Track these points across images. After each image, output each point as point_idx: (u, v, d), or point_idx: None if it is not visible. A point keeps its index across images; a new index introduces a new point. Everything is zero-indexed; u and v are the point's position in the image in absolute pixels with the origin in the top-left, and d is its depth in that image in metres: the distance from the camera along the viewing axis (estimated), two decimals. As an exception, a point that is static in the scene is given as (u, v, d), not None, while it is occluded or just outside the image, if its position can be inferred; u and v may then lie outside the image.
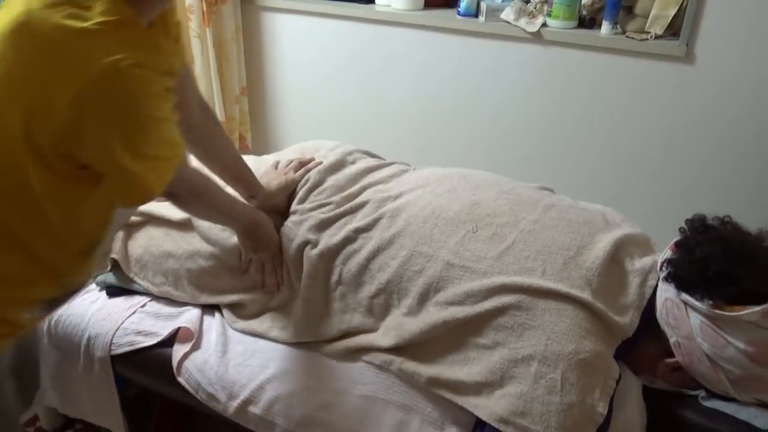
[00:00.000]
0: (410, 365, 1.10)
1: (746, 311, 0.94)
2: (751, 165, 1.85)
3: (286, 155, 1.47)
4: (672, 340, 1.04)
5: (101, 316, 1.33)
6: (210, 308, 1.34)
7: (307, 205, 1.29)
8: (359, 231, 1.21)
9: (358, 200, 1.27)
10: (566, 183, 2.09)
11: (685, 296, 1.01)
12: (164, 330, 1.28)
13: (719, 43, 1.76)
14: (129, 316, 1.32)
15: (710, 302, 0.98)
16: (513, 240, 1.12)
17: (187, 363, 1.23)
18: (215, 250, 1.30)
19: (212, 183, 1.16)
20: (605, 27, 1.89)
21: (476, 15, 2.08)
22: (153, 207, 1.41)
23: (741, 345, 0.96)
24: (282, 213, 1.34)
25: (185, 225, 1.36)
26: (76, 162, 0.83)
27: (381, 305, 1.17)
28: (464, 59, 2.12)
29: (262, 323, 1.27)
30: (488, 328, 1.04)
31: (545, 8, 1.97)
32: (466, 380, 1.03)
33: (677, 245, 1.09)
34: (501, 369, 1.00)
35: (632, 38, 1.85)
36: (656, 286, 1.09)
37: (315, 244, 1.23)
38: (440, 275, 1.11)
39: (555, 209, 1.20)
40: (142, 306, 1.35)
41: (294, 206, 1.31)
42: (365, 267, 1.18)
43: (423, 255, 1.13)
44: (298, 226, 1.26)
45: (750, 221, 1.09)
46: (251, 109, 2.58)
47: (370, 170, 1.37)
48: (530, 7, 1.99)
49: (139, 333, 1.29)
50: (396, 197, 1.25)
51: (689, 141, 1.91)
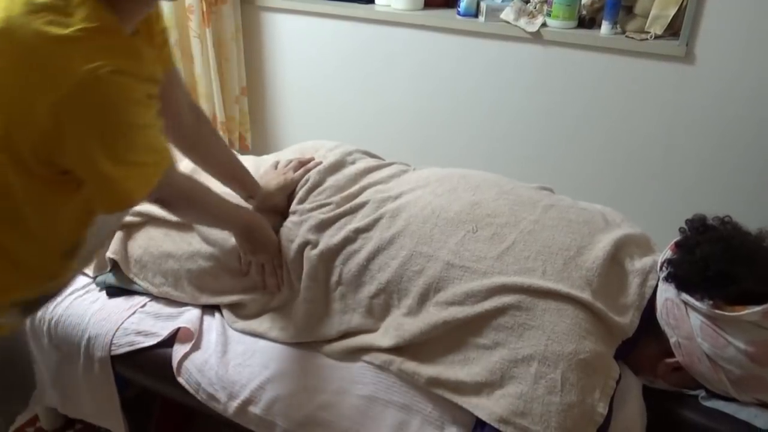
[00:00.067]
0: (410, 365, 1.10)
1: (746, 311, 0.94)
2: (751, 165, 1.85)
3: (286, 155, 1.47)
4: (672, 341, 1.04)
5: (101, 317, 1.33)
6: (210, 308, 1.34)
7: (307, 206, 1.29)
8: (359, 231, 1.21)
9: (358, 200, 1.27)
10: (566, 183, 2.09)
11: (686, 296, 1.01)
12: (164, 330, 1.28)
13: (719, 43, 1.76)
14: (129, 317, 1.32)
15: (710, 302, 0.97)
16: (513, 240, 1.12)
17: (187, 363, 1.23)
18: (215, 251, 1.30)
19: (202, 187, 1.15)
20: (605, 27, 1.89)
21: (476, 15, 2.08)
22: (153, 207, 1.41)
23: (741, 345, 0.96)
24: (282, 213, 1.34)
25: (185, 225, 1.36)
26: (57, 168, 0.83)
27: (381, 305, 1.17)
28: (464, 59, 2.12)
29: (262, 323, 1.27)
30: (488, 328, 1.04)
31: (545, 8, 1.97)
32: (466, 380, 1.03)
33: (677, 245, 1.09)
34: (501, 369, 1.00)
35: (632, 38, 1.85)
36: (656, 287, 1.09)
37: (315, 245, 1.23)
38: (440, 275, 1.10)
39: (555, 209, 1.20)
40: (142, 306, 1.35)
41: (294, 206, 1.31)
42: (365, 267, 1.18)
43: (423, 255, 1.13)
44: (298, 227, 1.26)
45: (750, 221, 1.09)
46: (251, 109, 2.58)
47: (370, 170, 1.38)
48: (530, 7, 1.99)
49: (139, 333, 1.29)
50: (396, 197, 1.25)
51: (689, 141, 1.91)
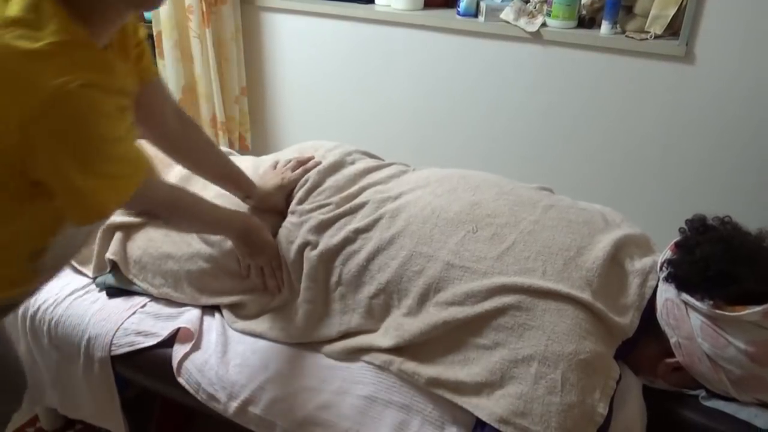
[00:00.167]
0: (410, 365, 1.10)
1: (747, 311, 0.94)
2: (751, 165, 1.85)
3: (285, 156, 1.47)
4: (672, 341, 1.04)
5: (101, 317, 1.32)
6: (210, 308, 1.33)
7: (307, 206, 1.29)
8: (359, 231, 1.21)
9: (358, 201, 1.27)
10: (566, 183, 2.09)
11: (686, 296, 1.01)
12: (164, 330, 1.28)
13: (719, 43, 1.76)
14: (129, 317, 1.32)
15: (711, 302, 0.97)
16: (513, 240, 1.12)
17: (187, 363, 1.22)
18: (215, 252, 1.29)
19: (189, 195, 1.14)
20: (605, 27, 1.89)
21: (476, 15, 2.08)
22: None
23: (742, 345, 0.96)
24: (280, 212, 1.34)
25: None
26: (28, 179, 0.82)
27: (381, 306, 1.17)
28: (464, 59, 2.12)
29: (262, 324, 1.26)
30: (488, 329, 1.04)
31: (545, 8, 1.97)
32: (466, 380, 1.03)
33: (677, 245, 1.09)
34: (501, 369, 1.00)
35: (632, 38, 1.85)
36: (656, 287, 1.08)
37: (315, 245, 1.23)
38: (440, 275, 1.10)
39: (555, 210, 1.20)
40: (142, 306, 1.35)
41: (293, 207, 1.31)
42: (365, 267, 1.18)
43: (423, 255, 1.13)
44: (298, 228, 1.26)
45: (750, 221, 1.09)
46: (251, 109, 2.58)
47: (370, 171, 1.37)
48: (530, 7, 1.99)
49: (139, 333, 1.29)
50: (396, 198, 1.25)
51: (689, 140, 1.91)
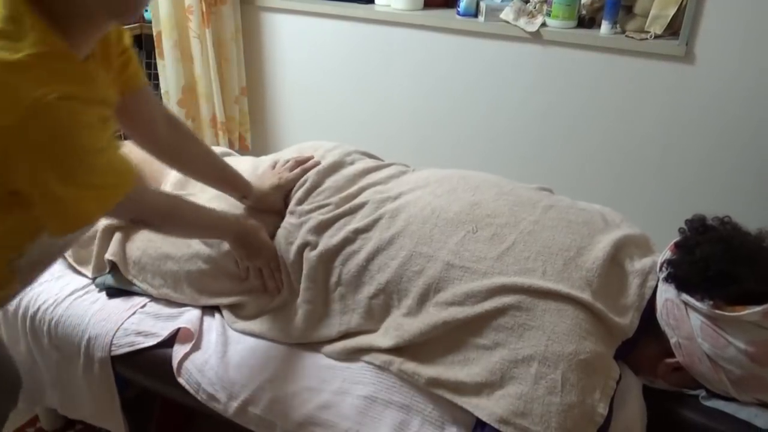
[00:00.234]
0: (410, 366, 1.10)
1: (747, 311, 0.94)
2: (751, 165, 1.85)
3: (285, 156, 1.46)
4: (672, 341, 1.04)
5: (101, 317, 1.32)
6: (210, 309, 1.33)
7: (306, 207, 1.29)
8: (358, 232, 1.21)
9: (357, 201, 1.27)
10: (566, 183, 2.09)
11: (686, 297, 1.01)
12: (164, 330, 1.28)
13: (719, 43, 1.76)
14: (129, 317, 1.32)
15: (711, 302, 0.97)
16: (513, 240, 1.12)
17: (187, 363, 1.22)
18: (214, 253, 1.29)
19: (181, 201, 1.14)
20: (605, 27, 1.89)
21: (476, 15, 2.08)
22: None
23: (742, 345, 0.96)
24: (278, 212, 1.34)
25: None
26: (6, 189, 0.82)
27: (380, 306, 1.17)
28: (464, 59, 2.12)
29: (262, 324, 1.26)
30: (488, 329, 1.04)
31: (545, 8, 1.97)
32: (466, 381, 1.03)
33: (677, 246, 1.09)
34: (501, 369, 1.00)
35: (632, 38, 1.85)
36: (656, 287, 1.08)
37: (314, 246, 1.23)
38: (440, 276, 1.10)
39: (554, 210, 1.20)
40: (142, 306, 1.35)
41: (292, 207, 1.31)
42: (364, 268, 1.18)
43: (423, 255, 1.13)
44: (298, 229, 1.26)
45: (749, 221, 1.09)
46: (251, 109, 2.58)
47: (369, 171, 1.37)
48: (530, 7, 1.99)
49: (140, 333, 1.29)
50: (395, 198, 1.25)
51: (688, 140, 1.91)
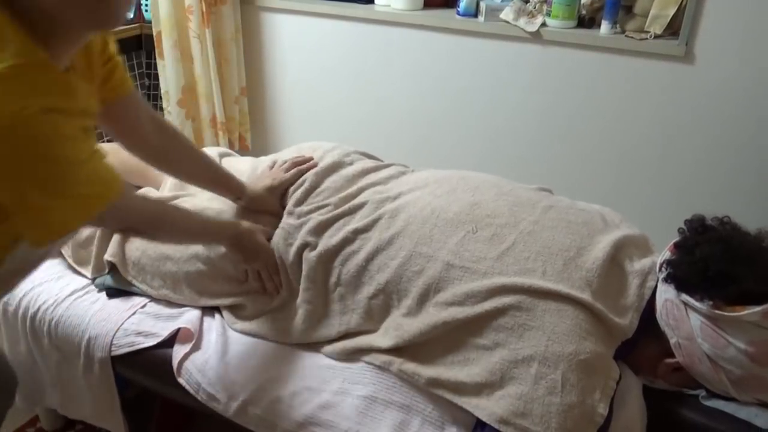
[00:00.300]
0: (410, 366, 1.10)
1: (746, 311, 0.94)
2: (750, 164, 1.85)
3: (284, 157, 1.46)
4: (672, 341, 1.04)
5: (101, 317, 1.33)
6: (210, 309, 1.33)
7: (305, 208, 1.29)
8: (358, 232, 1.21)
9: (357, 201, 1.27)
10: (566, 182, 2.09)
11: (685, 297, 1.01)
12: (164, 330, 1.28)
13: (718, 43, 1.76)
14: (129, 317, 1.32)
15: (710, 303, 0.97)
16: (513, 241, 1.12)
17: (188, 363, 1.22)
18: (211, 254, 1.29)
19: (171, 208, 1.12)
20: (604, 26, 1.89)
21: (476, 15, 2.08)
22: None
23: (741, 345, 0.96)
24: (273, 213, 1.33)
25: None
26: None
27: (380, 306, 1.17)
28: (464, 59, 2.12)
29: (262, 325, 1.26)
30: (488, 329, 1.04)
31: (544, 8, 1.97)
32: (466, 381, 1.03)
33: (676, 246, 1.09)
34: (501, 370, 1.00)
35: (631, 38, 1.85)
36: (656, 287, 1.09)
37: (314, 247, 1.22)
38: (440, 276, 1.10)
39: (554, 210, 1.20)
40: (142, 307, 1.35)
41: (291, 208, 1.30)
42: (364, 268, 1.18)
43: (423, 255, 1.13)
44: (298, 230, 1.25)
45: (749, 221, 1.09)
46: (251, 110, 2.58)
47: (368, 171, 1.37)
48: (529, 7, 1.99)
49: (140, 334, 1.29)
50: (395, 198, 1.25)
51: (688, 140, 1.91)
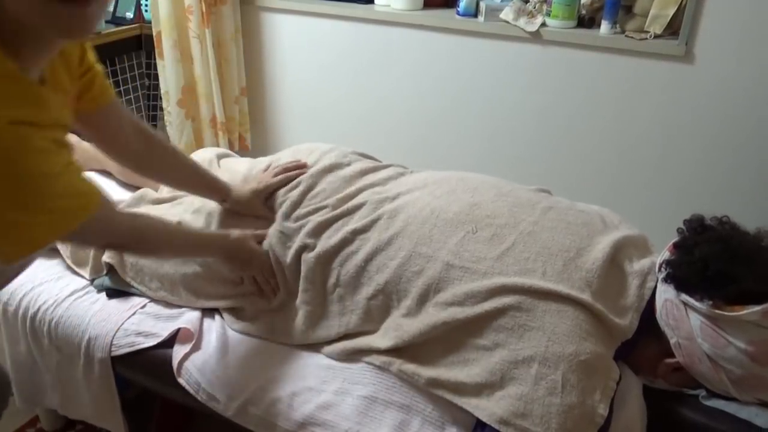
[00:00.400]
0: (410, 366, 1.10)
1: (746, 311, 0.94)
2: (750, 164, 1.85)
3: (282, 158, 1.45)
4: (672, 341, 1.04)
5: (101, 317, 1.33)
6: (210, 309, 1.33)
7: (303, 210, 1.28)
8: (356, 232, 1.20)
9: (355, 202, 1.26)
10: (566, 182, 2.09)
11: (685, 297, 1.01)
12: (164, 331, 1.28)
13: (718, 43, 1.76)
14: (129, 317, 1.32)
15: (710, 302, 0.97)
16: (513, 241, 1.12)
17: (188, 364, 1.22)
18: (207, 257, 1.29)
19: (157, 224, 1.12)
20: (604, 26, 1.89)
21: (475, 15, 2.08)
22: (149, 211, 1.42)
23: (742, 345, 0.96)
24: (258, 216, 1.33)
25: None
26: None
27: (379, 307, 1.17)
28: (464, 59, 2.12)
29: (262, 326, 1.26)
30: (488, 329, 1.04)
31: (544, 8, 1.97)
32: (466, 381, 1.03)
33: (676, 246, 1.09)
34: (501, 370, 1.00)
35: (631, 38, 1.85)
36: (655, 288, 1.08)
37: (312, 248, 1.22)
38: (440, 276, 1.10)
39: (554, 211, 1.20)
40: (142, 307, 1.35)
41: (288, 210, 1.29)
42: (363, 268, 1.17)
43: (422, 256, 1.13)
44: (297, 232, 1.25)
45: (748, 221, 1.09)
46: (251, 110, 2.57)
47: (367, 172, 1.37)
48: (529, 7, 1.99)
49: (140, 334, 1.29)
50: (394, 198, 1.25)
51: (687, 140, 1.91)
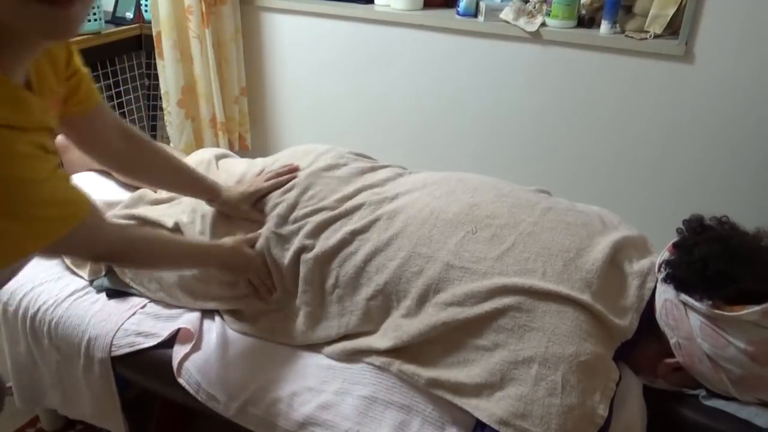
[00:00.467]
0: (410, 367, 1.10)
1: (746, 311, 0.94)
2: (749, 164, 1.85)
3: (279, 160, 1.44)
4: (672, 341, 1.04)
5: (101, 318, 1.33)
6: (209, 310, 1.33)
7: (300, 212, 1.27)
8: (355, 233, 1.20)
9: (354, 203, 1.26)
10: (565, 182, 2.09)
11: (685, 297, 1.01)
12: (164, 331, 1.28)
13: (718, 43, 1.76)
14: (129, 317, 1.32)
15: (710, 302, 0.97)
16: (513, 241, 1.12)
17: (188, 364, 1.23)
18: None
19: (150, 236, 1.11)
20: (604, 26, 1.89)
21: (475, 15, 2.08)
22: (147, 211, 1.42)
23: (741, 345, 0.96)
24: (245, 218, 1.32)
25: (179, 231, 1.35)
26: None
27: (379, 307, 1.16)
28: (464, 59, 2.12)
29: (262, 326, 1.27)
30: (488, 330, 1.04)
31: (544, 8, 1.97)
32: (466, 382, 1.03)
33: (675, 246, 1.09)
34: (501, 371, 1.00)
35: (631, 37, 1.85)
36: (655, 288, 1.08)
37: (311, 249, 1.22)
38: (440, 276, 1.10)
39: (553, 212, 1.20)
40: (142, 307, 1.35)
41: (285, 212, 1.28)
42: (362, 269, 1.17)
43: (422, 256, 1.13)
44: (295, 234, 1.25)
45: (748, 221, 1.09)
46: (251, 110, 2.57)
47: (364, 172, 1.37)
48: (529, 7, 1.99)
49: (140, 334, 1.29)
50: (392, 199, 1.25)
51: (687, 140, 1.91)
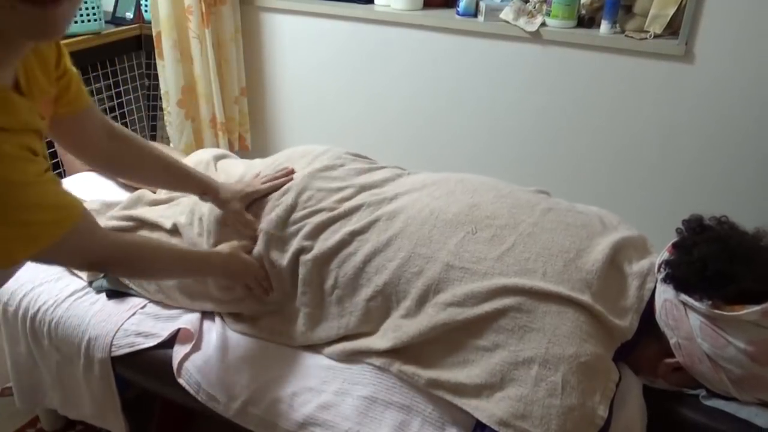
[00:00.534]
0: (410, 367, 1.10)
1: (746, 311, 0.94)
2: (749, 164, 1.85)
3: (277, 161, 1.43)
4: (672, 341, 1.04)
5: (101, 318, 1.33)
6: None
7: (299, 213, 1.27)
8: (355, 234, 1.20)
9: (353, 203, 1.26)
10: (565, 182, 2.09)
11: (684, 297, 1.01)
12: (164, 331, 1.28)
13: (718, 42, 1.76)
14: (129, 318, 1.32)
15: (709, 302, 0.97)
16: (513, 242, 1.12)
17: (188, 364, 1.23)
18: None
19: (146, 245, 1.11)
20: (604, 26, 1.89)
21: (475, 15, 2.08)
22: (146, 212, 1.42)
23: (741, 344, 0.96)
24: (235, 218, 1.31)
25: (176, 232, 1.35)
26: None
27: (378, 308, 1.16)
28: (464, 59, 2.12)
29: (262, 326, 1.27)
30: (488, 330, 1.04)
31: (544, 8, 1.97)
32: (466, 382, 1.03)
33: (675, 246, 1.09)
34: (501, 371, 1.00)
35: (631, 37, 1.85)
36: (655, 288, 1.08)
37: (310, 250, 1.22)
38: (440, 276, 1.10)
39: (553, 213, 1.20)
40: (142, 307, 1.36)
41: (283, 214, 1.27)
42: (362, 270, 1.17)
43: (422, 256, 1.13)
44: (294, 236, 1.25)
45: (747, 220, 1.09)
46: (251, 110, 2.57)
47: (362, 173, 1.36)
48: (529, 7, 1.99)
49: (140, 334, 1.29)
50: (392, 200, 1.25)
51: (687, 140, 1.91)
